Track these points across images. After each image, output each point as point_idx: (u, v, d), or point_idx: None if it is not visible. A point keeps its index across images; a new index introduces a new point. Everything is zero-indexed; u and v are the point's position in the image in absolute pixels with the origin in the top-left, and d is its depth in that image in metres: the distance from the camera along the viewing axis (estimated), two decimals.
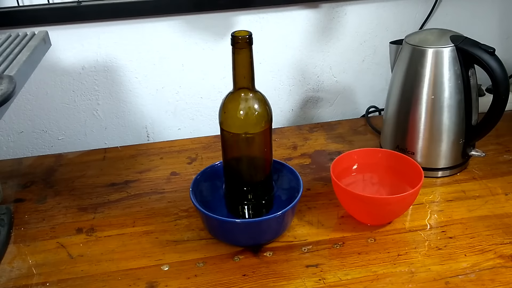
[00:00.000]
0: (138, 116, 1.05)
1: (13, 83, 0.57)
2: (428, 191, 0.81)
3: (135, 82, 1.01)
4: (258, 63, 1.03)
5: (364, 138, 0.98)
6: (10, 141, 1.03)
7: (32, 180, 0.89)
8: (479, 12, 1.08)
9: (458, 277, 0.64)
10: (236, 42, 0.62)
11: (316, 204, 0.79)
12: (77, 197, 0.84)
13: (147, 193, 0.84)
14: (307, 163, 0.91)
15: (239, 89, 0.66)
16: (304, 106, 1.11)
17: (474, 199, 0.79)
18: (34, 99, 1.00)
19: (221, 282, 0.65)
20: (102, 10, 0.92)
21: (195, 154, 0.95)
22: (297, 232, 0.73)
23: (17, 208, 0.81)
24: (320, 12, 1.01)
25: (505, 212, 0.76)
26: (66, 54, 0.96)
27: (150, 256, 0.70)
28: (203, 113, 1.07)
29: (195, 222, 0.76)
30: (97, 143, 1.06)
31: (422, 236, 0.72)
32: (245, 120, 0.67)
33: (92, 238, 0.74)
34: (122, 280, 0.66)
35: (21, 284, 0.66)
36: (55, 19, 0.92)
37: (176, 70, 1.01)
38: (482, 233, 0.72)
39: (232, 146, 0.70)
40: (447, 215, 0.76)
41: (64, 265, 0.69)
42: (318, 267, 0.67)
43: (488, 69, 0.76)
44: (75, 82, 0.99)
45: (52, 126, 1.03)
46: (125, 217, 0.78)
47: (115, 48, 0.97)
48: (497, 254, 0.68)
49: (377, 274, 0.65)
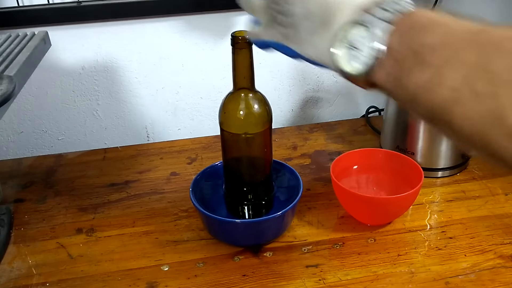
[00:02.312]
0: (138, 116, 1.05)
1: (13, 83, 0.57)
2: (428, 191, 0.81)
3: (135, 82, 1.01)
4: (258, 63, 1.02)
5: (364, 138, 0.98)
6: (10, 141, 1.03)
7: (32, 180, 0.89)
8: (479, 12, 1.08)
9: (458, 277, 0.64)
10: (236, 42, 0.62)
11: (316, 204, 0.79)
12: (77, 197, 0.84)
13: (147, 193, 0.84)
14: (307, 163, 0.91)
15: (239, 89, 0.66)
16: (304, 106, 1.11)
17: (474, 199, 0.79)
18: (34, 99, 0.99)
19: (221, 282, 0.65)
20: (102, 10, 0.92)
21: (195, 154, 0.95)
22: (297, 232, 0.73)
23: (17, 208, 0.81)
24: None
25: (505, 212, 0.76)
26: (66, 55, 0.96)
27: (150, 256, 0.70)
28: (203, 113, 1.07)
29: (195, 222, 0.76)
30: (97, 143, 1.06)
31: (422, 236, 0.72)
32: (245, 120, 0.67)
33: (92, 238, 0.74)
34: (122, 280, 0.66)
35: (21, 284, 0.66)
36: (55, 19, 0.92)
37: (176, 70, 1.01)
38: (482, 233, 0.72)
39: (232, 146, 0.70)
40: (447, 215, 0.76)
41: (64, 265, 0.69)
42: (318, 267, 0.67)
43: None
44: (75, 82, 0.99)
45: (52, 126, 1.03)
46: (125, 217, 0.78)
47: (115, 48, 0.97)
48: (497, 254, 0.68)
49: (377, 274, 0.65)
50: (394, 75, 0.36)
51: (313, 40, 0.43)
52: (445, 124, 0.34)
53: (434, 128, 0.38)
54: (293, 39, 0.46)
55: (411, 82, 0.35)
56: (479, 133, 0.31)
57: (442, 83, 0.32)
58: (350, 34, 0.39)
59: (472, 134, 0.32)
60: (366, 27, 0.37)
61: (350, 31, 0.39)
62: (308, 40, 0.44)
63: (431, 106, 0.34)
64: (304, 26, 0.44)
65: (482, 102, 0.30)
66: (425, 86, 0.34)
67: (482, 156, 0.33)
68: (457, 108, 0.32)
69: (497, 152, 0.31)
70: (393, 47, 0.36)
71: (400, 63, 0.35)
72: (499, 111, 0.29)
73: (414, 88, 0.35)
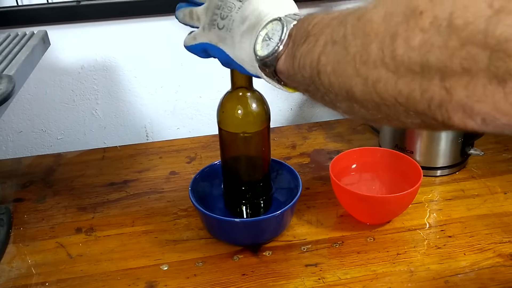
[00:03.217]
0: (137, 115, 1.05)
1: (12, 83, 0.57)
2: (427, 190, 0.81)
3: (134, 81, 1.01)
4: None
5: (363, 137, 0.98)
6: (9, 141, 1.03)
7: (31, 180, 0.89)
8: None
9: (457, 276, 0.64)
10: None
11: (315, 203, 0.79)
12: (76, 196, 0.84)
13: (146, 192, 0.84)
14: (306, 162, 0.91)
15: (237, 88, 0.66)
16: (303, 105, 1.11)
17: (473, 198, 0.79)
18: (33, 98, 0.99)
19: (220, 282, 0.65)
20: (101, 9, 0.92)
21: (194, 153, 0.95)
22: (296, 231, 0.73)
23: (16, 208, 0.81)
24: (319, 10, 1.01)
25: (504, 210, 0.76)
26: (65, 54, 0.96)
27: (149, 256, 0.70)
28: (202, 112, 1.07)
29: (194, 222, 0.76)
30: (96, 142, 1.06)
31: (421, 235, 0.72)
32: (243, 120, 0.67)
33: (92, 237, 0.74)
34: (121, 279, 0.66)
35: (20, 284, 0.66)
36: (54, 19, 0.92)
37: (175, 69, 1.01)
38: (481, 232, 0.72)
39: (230, 145, 0.70)
40: (446, 214, 0.76)
41: (64, 265, 0.69)
42: (318, 266, 0.67)
43: None
44: (74, 81, 0.99)
45: (51, 126, 1.03)
46: (124, 216, 0.78)
47: (114, 48, 0.97)
48: (496, 253, 0.68)
49: (376, 273, 0.65)
50: (290, 54, 0.45)
51: (243, 41, 0.51)
52: (319, 84, 0.42)
53: (312, 98, 0.47)
54: (228, 42, 0.53)
55: (299, 52, 0.43)
56: (336, 73, 0.39)
57: (316, 44, 0.41)
58: (268, 28, 0.48)
59: (334, 82, 0.40)
60: (282, 23, 0.47)
61: (269, 26, 0.48)
62: (240, 42, 0.51)
63: (309, 66, 0.42)
64: (238, 29, 0.51)
65: (337, 49, 0.39)
66: (307, 52, 0.42)
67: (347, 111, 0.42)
68: (323, 57, 0.40)
69: (355, 94, 0.38)
70: (292, 34, 0.46)
71: (296, 43, 0.44)
72: (350, 56, 0.37)
73: (300, 57, 0.43)
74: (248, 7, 0.51)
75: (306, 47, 0.43)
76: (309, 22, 0.44)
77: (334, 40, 0.39)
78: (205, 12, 0.55)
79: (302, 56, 0.43)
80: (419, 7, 0.32)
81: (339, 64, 0.39)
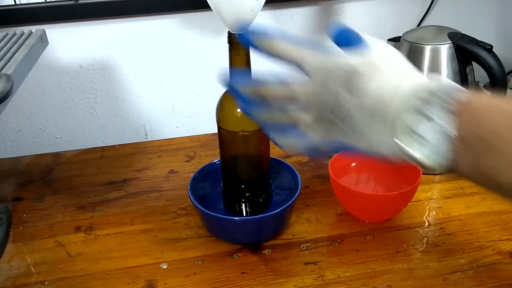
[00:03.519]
0: (136, 114, 1.05)
1: (10, 82, 0.57)
2: (426, 188, 0.81)
3: (133, 80, 1.01)
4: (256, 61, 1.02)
5: None
6: (7, 140, 1.03)
7: (30, 179, 0.89)
8: (477, 9, 1.08)
9: (457, 273, 0.64)
10: (232, 40, 0.62)
11: (314, 201, 0.79)
12: (75, 195, 0.84)
13: (146, 191, 0.84)
14: (305, 160, 0.91)
15: None
16: None
17: (472, 195, 0.79)
18: (32, 97, 0.99)
19: (220, 280, 0.65)
20: (99, 8, 0.92)
21: (193, 152, 0.95)
22: (295, 229, 0.73)
23: (15, 207, 0.81)
24: (318, 9, 1.01)
25: (503, 208, 0.76)
26: (64, 53, 0.96)
27: (149, 254, 0.70)
28: (201, 111, 1.07)
29: (193, 220, 0.76)
30: (95, 141, 1.06)
31: (421, 233, 0.72)
32: (242, 118, 0.67)
33: (91, 236, 0.74)
34: (120, 278, 0.66)
35: (19, 283, 0.66)
36: (52, 18, 0.91)
37: (174, 68, 1.01)
38: (480, 230, 0.72)
39: (230, 144, 0.70)
40: (445, 212, 0.76)
41: (63, 264, 0.69)
42: (317, 264, 0.67)
43: (486, 66, 0.76)
44: (73, 80, 0.99)
45: (50, 125, 1.03)
46: (124, 215, 0.78)
47: (113, 46, 0.97)
48: (495, 251, 0.68)
49: (376, 271, 0.65)
50: (471, 163, 0.39)
51: (371, 133, 0.43)
52: (500, 190, 0.38)
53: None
54: (351, 135, 0.44)
55: (487, 167, 0.38)
56: None
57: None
58: (410, 122, 0.39)
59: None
60: (426, 115, 0.39)
61: (410, 119, 0.39)
62: (366, 134, 0.43)
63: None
64: (360, 121, 0.43)
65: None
66: (501, 169, 0.37)
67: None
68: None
69: None
70: (462, 136, 0.38)
71: (471, 151, 0.38)
72: None
73: (489, 172, 0.38)
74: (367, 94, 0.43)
75: (495, 162, 0.38)
76: (481, 120, 0.38)
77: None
78: (317, 121, 0.46)
79: (491, 171, 0.38)
80: None
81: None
